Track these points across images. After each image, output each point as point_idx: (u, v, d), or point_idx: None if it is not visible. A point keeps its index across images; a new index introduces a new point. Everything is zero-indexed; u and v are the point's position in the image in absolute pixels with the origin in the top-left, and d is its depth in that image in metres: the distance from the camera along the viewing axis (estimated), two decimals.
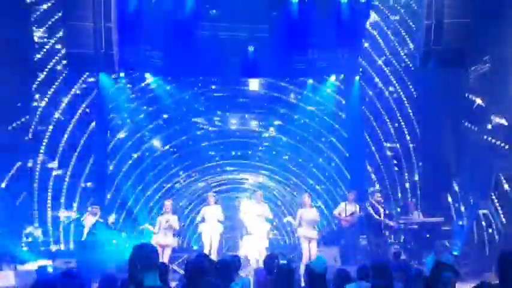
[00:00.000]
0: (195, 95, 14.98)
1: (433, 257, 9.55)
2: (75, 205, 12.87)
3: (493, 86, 11.29)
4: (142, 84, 14.47)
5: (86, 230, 11.05)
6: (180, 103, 14.88)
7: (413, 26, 12.56)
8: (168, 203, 11.11)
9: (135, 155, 14.46)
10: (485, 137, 11.55)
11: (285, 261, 6.78)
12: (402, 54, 13.37)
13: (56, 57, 12.55)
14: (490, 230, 11.40)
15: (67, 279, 3.67)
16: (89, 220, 11.17)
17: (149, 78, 14.33)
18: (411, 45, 12.71)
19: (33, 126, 12.33)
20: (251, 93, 15.14)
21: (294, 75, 14.68)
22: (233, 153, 15.43)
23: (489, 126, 11.53)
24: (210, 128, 15.16)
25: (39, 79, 12.50)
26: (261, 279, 6.62)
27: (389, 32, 13.39)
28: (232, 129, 15.38)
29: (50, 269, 9.78)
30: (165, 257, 10.28)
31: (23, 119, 11.86)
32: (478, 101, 11.88)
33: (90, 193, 13.11)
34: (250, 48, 13.27)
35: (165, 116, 14.85)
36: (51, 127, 12.74)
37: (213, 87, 14.91)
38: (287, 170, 15.39)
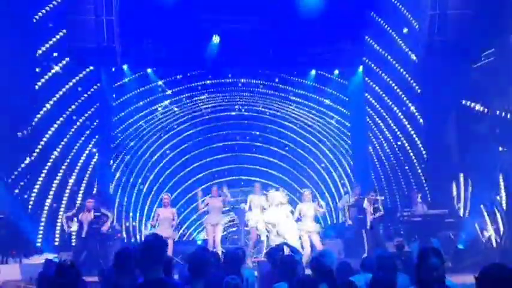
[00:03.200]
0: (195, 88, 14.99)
1: (418, 243, 9.54)
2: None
3: (497, 77, 11.21)
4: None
5: (85, 228, 10.59)
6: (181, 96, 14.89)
7: (417, 16, 12.46)
8: (166, 196, 11.19)
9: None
10: (489, 129, 11.49)
11: (288, 253, 6.77)
12: (406, 46, 13.26)
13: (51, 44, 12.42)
14: (495, 222, 11.37)
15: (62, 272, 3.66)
16: (85, 217, 10.71)
17: (150, 72, 14.34)
18: (415, 36, 12.60)
19: (35, 120, 12.33)
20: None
21: (297, 67, 14.66)
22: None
23: (492, 119, 11.46)
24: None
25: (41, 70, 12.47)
26: (265, 271, 6.62)
27: (392, 24, 13.29)
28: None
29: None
30: (168, 250, 10.32)
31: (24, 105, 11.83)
32: (479, 90, 11.82)
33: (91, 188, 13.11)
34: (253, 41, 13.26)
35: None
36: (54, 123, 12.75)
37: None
38: (289, 162, 15.40)
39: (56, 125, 12.59)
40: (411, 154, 13.74)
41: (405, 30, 12.58)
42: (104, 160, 13.59)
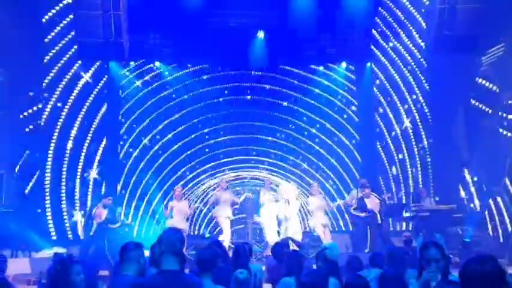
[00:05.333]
0: (203, 83, 14.96)
1: (421, 238, 9.53)
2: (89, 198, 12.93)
3: (506, 72, 11.12)
4: (152, 73, 14.49)
5: (95, 224, 10.61)
6: (189, 91, 14.86)
7: (426, 10, 12.37)
8: (178, 189, 11.25)
9: (145, 141, 14.51)
10: (497, 124, 11.42)
11: (295, 248, 6.79)
12: (414, 39, 13.17)
13: (64, 41, 12.45)
14: (503, 217, 11.32)
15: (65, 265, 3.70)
16: (98, 213, 10.67)
17: (158, 66, 14.34)
18: (423, 30, 12.51)
19: (44, 115, 12.37)
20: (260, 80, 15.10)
21: (305, 62, 14.60)
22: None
23: (501, 113, 11.38)
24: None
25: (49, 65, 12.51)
26: (271, 266, 6.65)
27: (401, 17, 13.20)
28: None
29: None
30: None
31: (34, 108, 11.91)
32: (488, 84, 11.73)
33: (100, 183, 13.16)
34: (260, 35, 13.21)
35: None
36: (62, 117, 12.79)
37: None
38: (298, 157, 15.37)
39: (63, 119, 12.68)
40: (419, 148, 13.67)
41: (413, 25, 12.44)
42: (111, 155, 13.63)
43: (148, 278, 3.59)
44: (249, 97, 15.20)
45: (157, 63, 14.27)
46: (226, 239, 10.87)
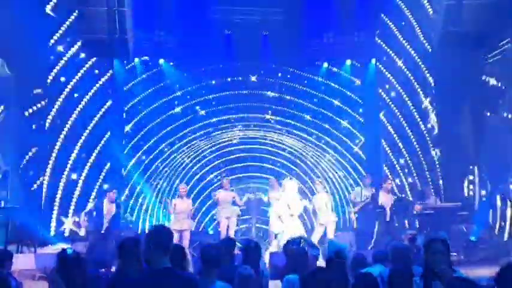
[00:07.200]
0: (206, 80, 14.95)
1: (423, 237, 9.49)
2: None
3: None
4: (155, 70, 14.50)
5: (105, 220, 10.45)
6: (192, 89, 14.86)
7: (432, 6, 12.29)
8: (182, 187, 11.22)
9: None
10: (503, 121, 11.35)
11: (302, 245, 6.77)
12: (420, 37, 13.10)
13: (69, 38, 12.42)
14: (509, 215, 11.26)
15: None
16: (107, 209, 10.50)
17: (162, 63, 14.32)
18: (429, 27, 12.43)
19: (51, 113, 12.38)
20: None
21: (309, 59, 14.56)
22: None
23: (507, 110, 11.30)
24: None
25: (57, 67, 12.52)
26: (276, 262, 6.65)
27: (407, 13, 13.12)
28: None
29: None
30: (184, 241, 10.37)
31: (39, 104, 11.91)
32: (494, 82, 11.65)
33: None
34: (264, 32, 13.20)
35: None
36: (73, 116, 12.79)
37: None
38: (301, 155, 15.36)
39: (68, 116, 12.68)
40: (424, 146, 13.61)
41: (419, 21, 12.36)
42: (116, 153, 13.65)
43: (140, 276, 3.56)
44: (246, 91, 15.16)
45: (161, 60, 14.25)
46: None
